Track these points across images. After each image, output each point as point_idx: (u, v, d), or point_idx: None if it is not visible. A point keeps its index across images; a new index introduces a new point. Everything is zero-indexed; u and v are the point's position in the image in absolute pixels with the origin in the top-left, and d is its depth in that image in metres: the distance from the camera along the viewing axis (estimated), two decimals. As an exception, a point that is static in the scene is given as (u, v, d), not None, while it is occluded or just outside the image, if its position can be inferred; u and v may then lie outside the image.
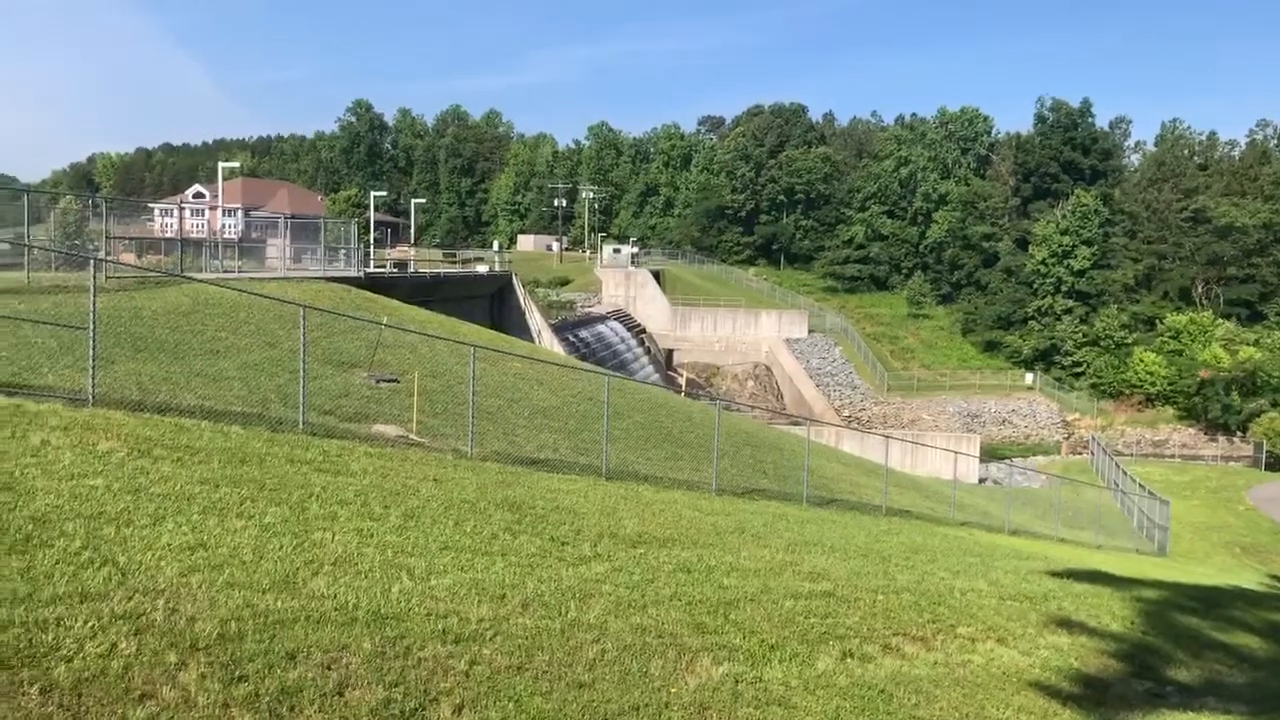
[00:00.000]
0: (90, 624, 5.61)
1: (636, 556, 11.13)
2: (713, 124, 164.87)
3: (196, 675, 5.19)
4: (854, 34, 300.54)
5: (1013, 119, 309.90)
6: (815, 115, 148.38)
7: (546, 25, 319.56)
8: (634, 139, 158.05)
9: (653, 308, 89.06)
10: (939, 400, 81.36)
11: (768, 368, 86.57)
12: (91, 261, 16.47)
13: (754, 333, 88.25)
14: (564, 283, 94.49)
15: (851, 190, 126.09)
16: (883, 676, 8.78)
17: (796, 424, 52.51)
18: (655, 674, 7.17)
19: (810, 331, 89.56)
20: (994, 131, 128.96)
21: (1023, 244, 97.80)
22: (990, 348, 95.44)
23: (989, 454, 64.39)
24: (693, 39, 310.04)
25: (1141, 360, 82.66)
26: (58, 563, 6.64)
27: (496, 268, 69.60)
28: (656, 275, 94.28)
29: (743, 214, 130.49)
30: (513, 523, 11.43)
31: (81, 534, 7.37)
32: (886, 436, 36.92)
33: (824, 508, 21.04)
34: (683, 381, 68.94)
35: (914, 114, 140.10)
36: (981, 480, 54.11)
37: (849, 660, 8.97)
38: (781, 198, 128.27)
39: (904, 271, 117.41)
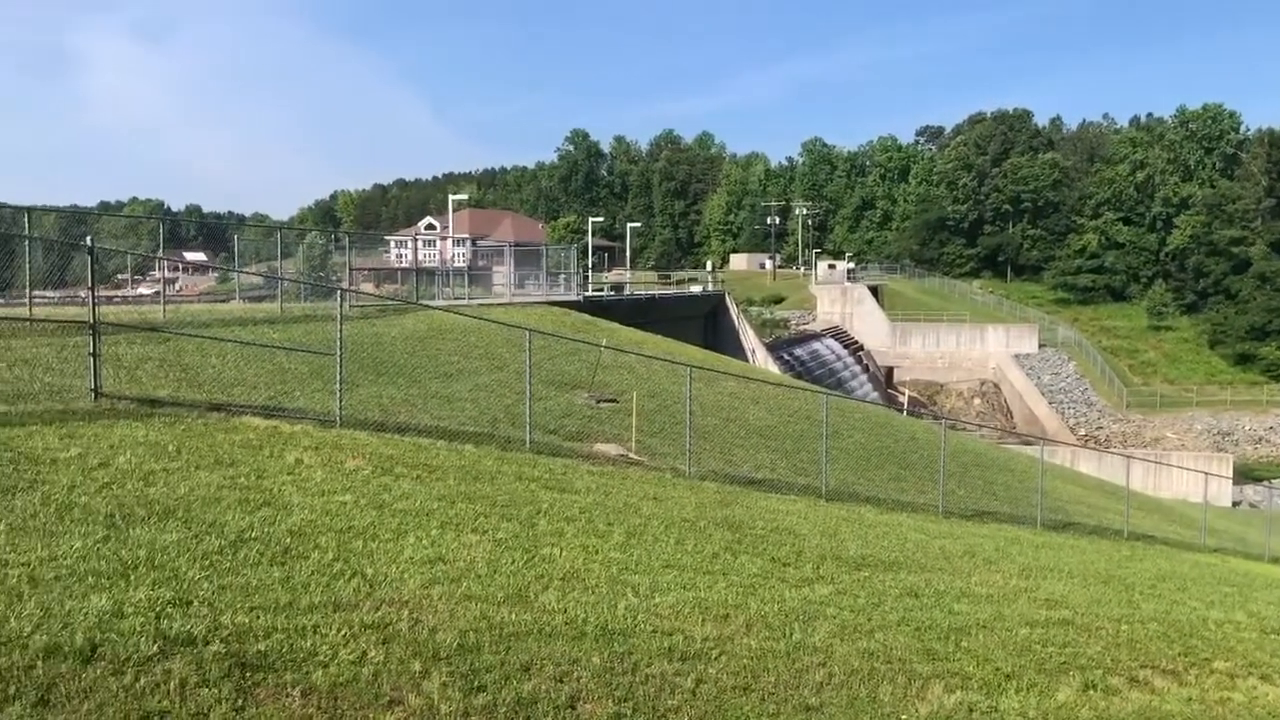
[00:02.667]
0: (343, 632, 5.98)
1: (861, 579, 10.89)
2: (931, 134, 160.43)
3: (439, 684, 5.44)
4: (1082, 33, 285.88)
5: (1264, 113, 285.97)
6: (1041, 120, 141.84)
7: (757, 45, 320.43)
8: (849, 153, 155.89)
9: (870, 324, 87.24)
10: (1185, 417, 75.75)
11: (995, 385, 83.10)
12: (338, 292, 17.68)
13: (980, 348, 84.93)
14: (777, 301, 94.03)
15: (1083, 197, 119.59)
16: (1130, 711, 8.21)
17: (1028, 443, 50.12)
18: (885, 700, 6.97)
19: (1041, 346, 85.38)
20: (1242, 128, 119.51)
21: (1279, 248, 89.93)
22: (1243, 360, 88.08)
23: (1243, 475, 59.39)
24: (908, 47, 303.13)
25: None
26: (313, 573, 7.13)
27: (710, 288, 70.09)
28: (874, 290, 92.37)
29: (965, 225, 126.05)
30: (733, 542, 11.42)
31: (333, 547, 7.89)
32: (1127, 456, 34.68)
33: (1060, 531, 19.96)
34: (904, 400, 67.07)
35: (1150, 114, 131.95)
36: (1236, 503, 49.99)
37: (1091, 692, 8.44)
38: (1006, 207, 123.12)
39: (1143, 281, 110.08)
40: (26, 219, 23.86)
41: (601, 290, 55.67)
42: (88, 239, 13.15)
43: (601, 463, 15.37)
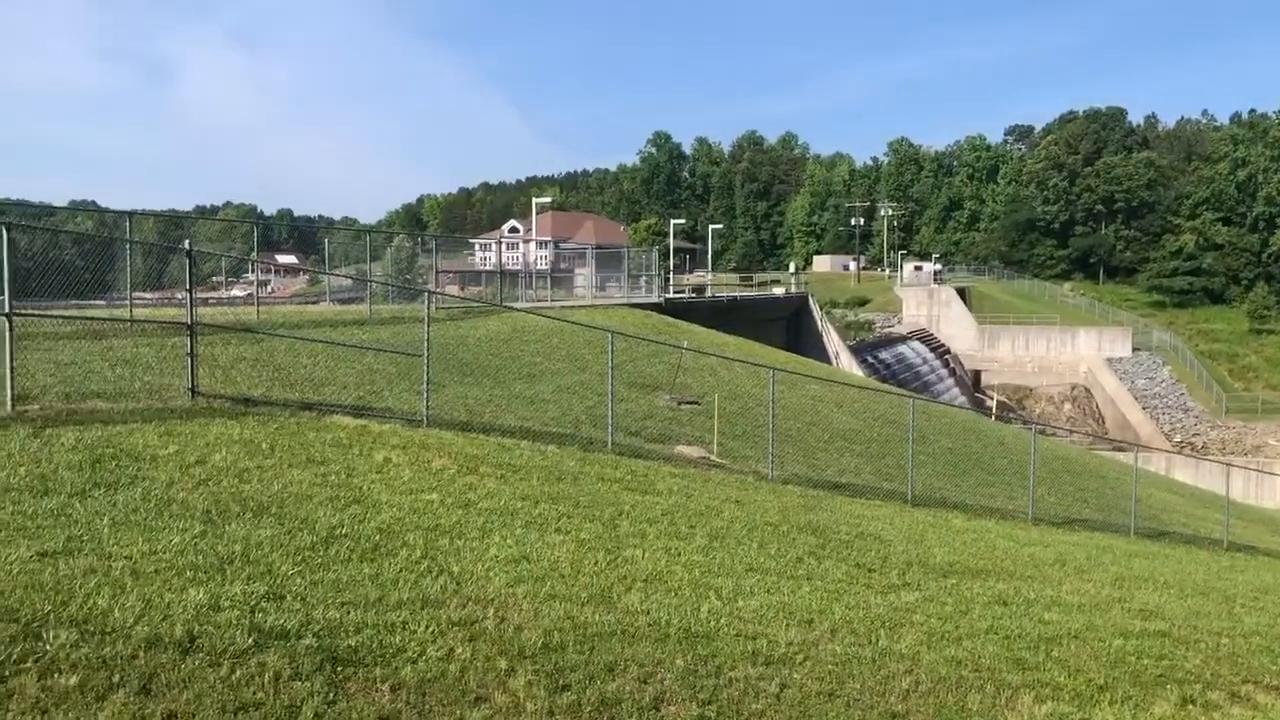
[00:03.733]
0: (430, 629, 6.07)
1: (948, 587, 10.70)
2: (1021, 133, 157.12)
3: (524, 682, 5.48)
4: (1179, 28, 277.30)
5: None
6: (1136, 118, 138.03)
7: (843, 45, 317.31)
8: (936, 152, 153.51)
9: (957, 327, 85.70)
10: (1288, 424, 72.87)
11: (1086, 389, 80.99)
12: (425, 294, 17.96)
13: (1070, 352, 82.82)
14: (862, 303, 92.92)
15: (1179, 197, 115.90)
16: (1232, 729, 7.93)
17: (1120, 449, 48.74)
18: (973, 709, 6.84)
19: (1134, 350, 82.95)
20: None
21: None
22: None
23: (1354, 485, 56.88)
24: (998, 46, 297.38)
25: None
26: (401, 570, 7.25)
27: (792, 289, 69.56)
28: (961, 293, 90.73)
29: (1055, 226, 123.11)
30: (816, 547, 11.31)
31: (421, 544, 8.01)
32: (1227, 464, 33.47)
33: (1154, 540, 19.37)
34: (992, 404, 65.75)
35: (1253, 110, 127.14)
36: (1344, 515, 47.90)
37: (1190, 707, 8.16)
38: (1099, 207, 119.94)
39: (1243, 283, 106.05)
40: (128, 223, 24.72)
41: (683, 292, 55.62)
42: (186, 242, 13.56)
43: (683, 465, 15.35)
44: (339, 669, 5.22)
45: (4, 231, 11.13)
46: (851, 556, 11.18)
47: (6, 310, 10.95)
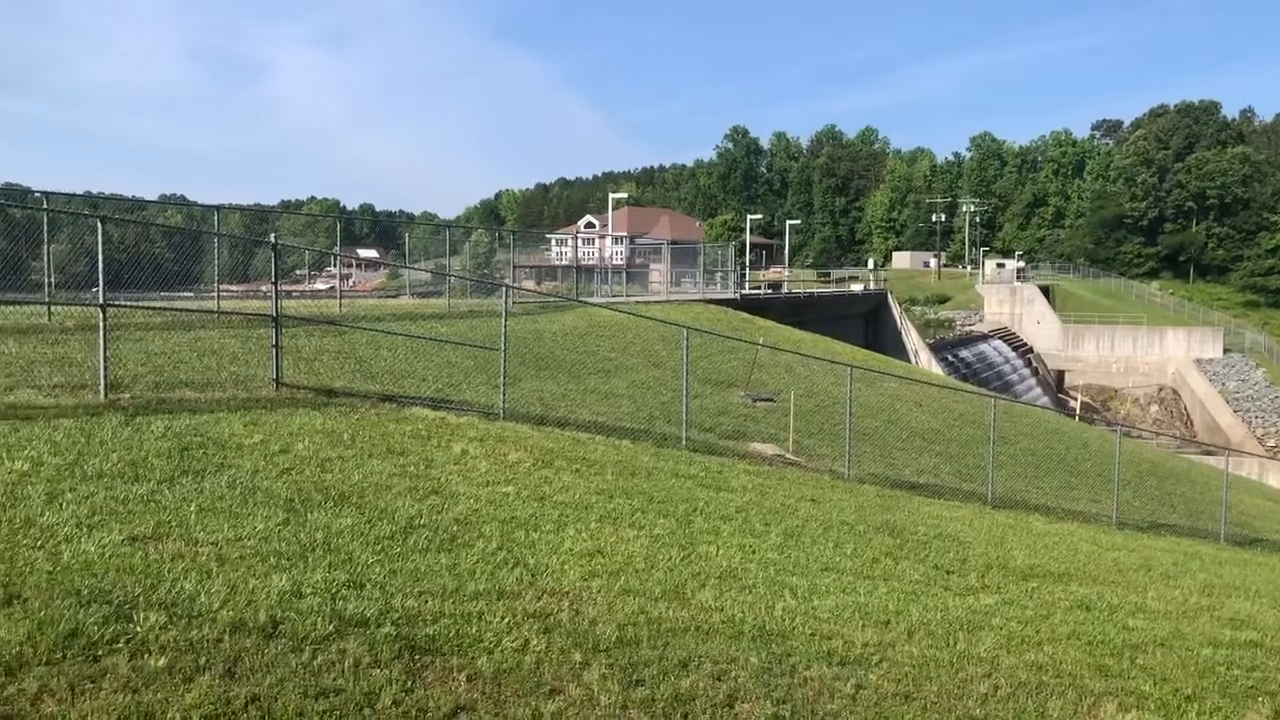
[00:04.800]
0: (506, 620, 6.11)
1: (1029, 590, 10.48)
2: (1109, 128, 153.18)
3: (598, 675, 5.49)
4: (1277, 20, 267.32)
5: None
6: (1230, 112, 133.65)
7: (925, 39, 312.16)
8: (1019, 148, 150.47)
9: (1041, 326, 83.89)
10: (1391, 430, 69.95)
11: (1174, 391, 78.65)
12: (502, 289, 18.12)
13: (1158, 352, 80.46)
14: (942, 300, 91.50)
15: (1276, 193, 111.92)
16: (1330, 746, 7.62)
17: (1209, 453, 47.26)
18: (1054, 715, 6.67)
19: (1226, 351, 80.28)
20: None
21: None
22: None
23: None
24: (1085, 38, 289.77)
25: None
26: (478, 562, 7.32)
27: (871, 286, 68.80)
28: (1045, 291, 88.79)
29: (1144, 223, 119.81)
30: (894, 548, 11.17)
31: (497, 536, 8.09)
32: (1323, 470, 32.24)
33: (1246, 547, 18.74)
34: (1076, 405, 64.26)
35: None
36: None
37: (1285, 723, 7.87)
38: (1190, 204, 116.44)
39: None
40: (216, 217, 25.38)
41: (759, 288, 55.35)
42: (272, 236, 13.88)
43: (758, 462, 15.27)
44: (417, 657, 5.28)
45: (99, 225, 11.50)
46: (929, 558, 11.01)
47: (101, 301, 11.31)
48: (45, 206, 18.68)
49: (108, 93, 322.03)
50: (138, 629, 4.99)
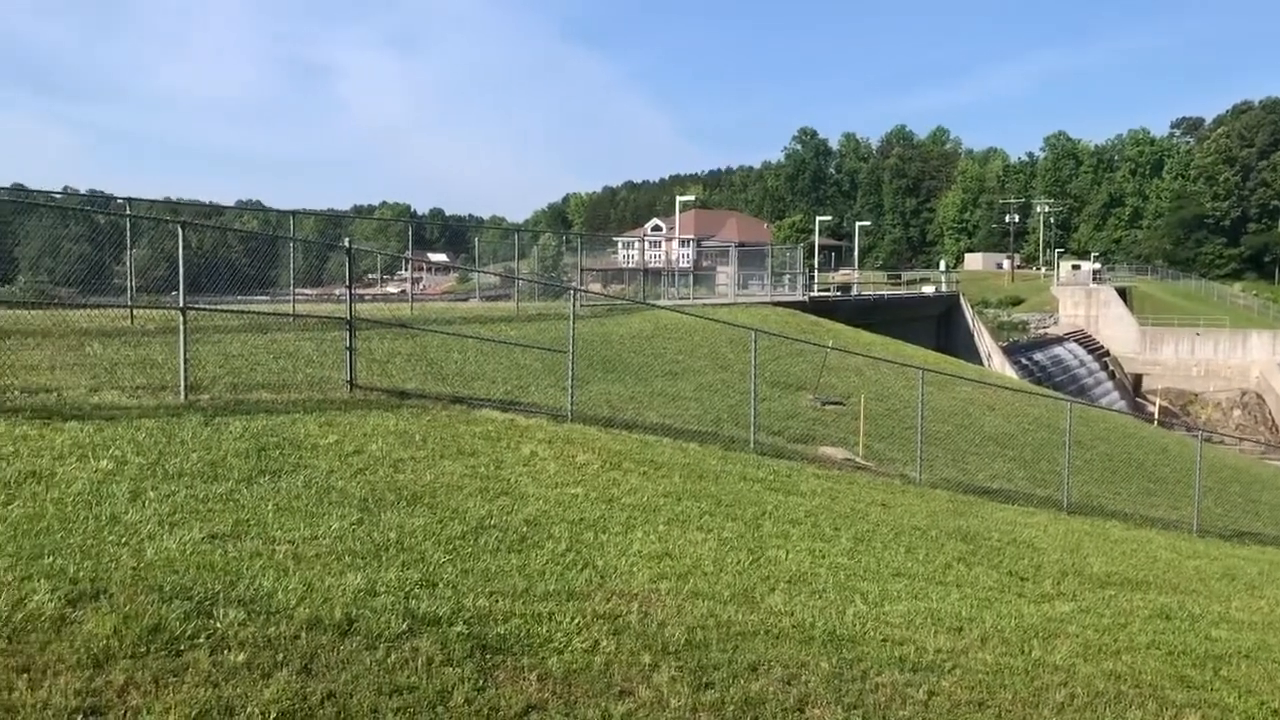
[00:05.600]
0: (576, 620, 6.14)
1: (1105, 598, 10.24)
2: (1189, 126, 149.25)
3: (668, 678, 5.48)
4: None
5: None
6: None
7: (998, 37, 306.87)
8: (1095, 147, 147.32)
9: (1117, 328, 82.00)
10: None
11: (1258, 395, 76.28)
12: (570, 292, 18.22)
13: (1241, 356, 78.10)
14: (1015, 302, 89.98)
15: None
16: None
17: (1296, 460, 45.77)
18: (1133, 728, 6.52)
19: (1312, 354, 77.74)
20: None
21: None
22: None
23: None
24: (1164, 35, 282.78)
25: None
26: (547, 562, 7.36)
27: (942, 288, 67.85)
28: (1122, 293, 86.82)
29: (1226, 223, 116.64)
30: (966, 553, 10.99)
31: (566, 537, 8.13)
32: None
33: (1337, 558, 18.10)
34: (1154, 409, 62.71)
35: None
36: None
37: (1379, 740, 7.58)
38: (1275, 203, 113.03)
39: None
40: (291, 221, 25.87)
41: (827, 290, 54.91)
42: (346, 240, 14.11)
43: (827, 466, 15.15)
44: (488, 656, 5.33)
45: (180, 230, 11.80)
46: (1003, 564, 10.82)
47: (181, 305, 11.60)
48: (128, 212, 19.24)
49: (184, 98, 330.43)
50: (217, 625, 5.11)
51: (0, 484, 7.19)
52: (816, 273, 64.58)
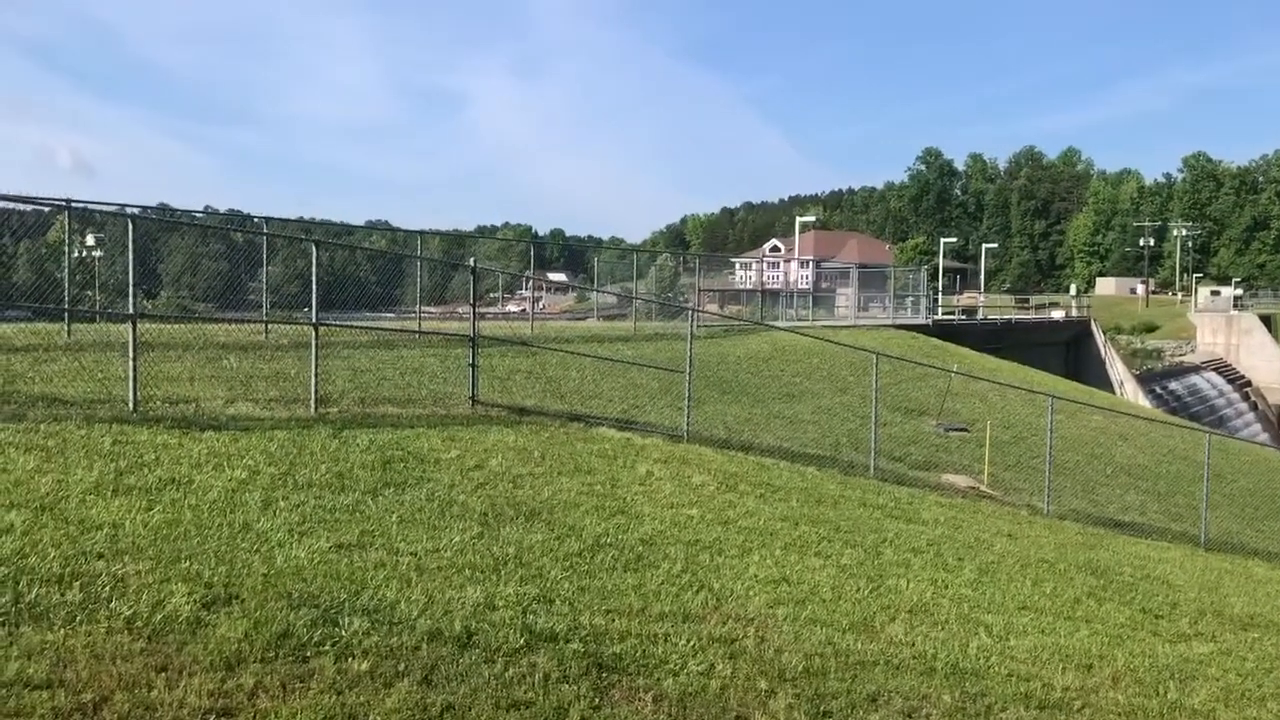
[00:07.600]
0: (691, 643, 6.09)
1: (1248, 640, 9.70)
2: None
3: (784, 705, 5.39)
4: None
5: None
6: None
7: (1133, 55, 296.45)
8: (1238, 168, 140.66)
9: (1260, 357, 78.04)
10: None
11: None
12: (687, 312, 18.23)
13: (1398, 389, 73.50)
14: (1149, 329, 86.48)
15: None
16: None
17: None
18: (1281, 782, 6.14)
19: None
20: None
21: None
22: None
23: None
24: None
25: None
26: (663, 583, 7.34)
27: (1073, 313, 65.66)
28: (1266, 320, 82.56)
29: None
30: (1096, 588, 10.56)
31: (681, 558, 8.09)
32: None
33: None
34: (1300, 443, 59.37)
35: None
36: None
37: None
38: None
39: None
40: (418, 241, 26.57)
41: (952, 314, 53.73)
42: (470, 260, 14.43)
43: (950, 494, 14.77)
44: (604, 675, 5.32)
45: (313, 248, 12.24)
46: (1135, 600, 10.36)
47: (314, 320, 12.01)
48: (265, 231, 20.05)
49: (317, 122, 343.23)
50: (343, 633, 5.23)
51: (142, 490, 7.52)
52: (940, 295, 63.25)
